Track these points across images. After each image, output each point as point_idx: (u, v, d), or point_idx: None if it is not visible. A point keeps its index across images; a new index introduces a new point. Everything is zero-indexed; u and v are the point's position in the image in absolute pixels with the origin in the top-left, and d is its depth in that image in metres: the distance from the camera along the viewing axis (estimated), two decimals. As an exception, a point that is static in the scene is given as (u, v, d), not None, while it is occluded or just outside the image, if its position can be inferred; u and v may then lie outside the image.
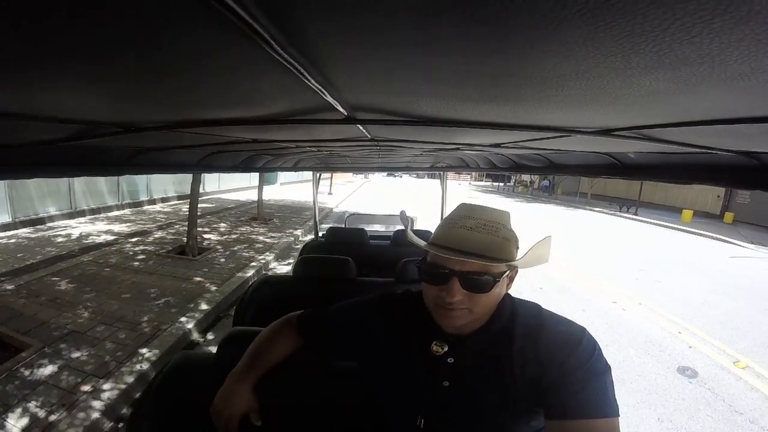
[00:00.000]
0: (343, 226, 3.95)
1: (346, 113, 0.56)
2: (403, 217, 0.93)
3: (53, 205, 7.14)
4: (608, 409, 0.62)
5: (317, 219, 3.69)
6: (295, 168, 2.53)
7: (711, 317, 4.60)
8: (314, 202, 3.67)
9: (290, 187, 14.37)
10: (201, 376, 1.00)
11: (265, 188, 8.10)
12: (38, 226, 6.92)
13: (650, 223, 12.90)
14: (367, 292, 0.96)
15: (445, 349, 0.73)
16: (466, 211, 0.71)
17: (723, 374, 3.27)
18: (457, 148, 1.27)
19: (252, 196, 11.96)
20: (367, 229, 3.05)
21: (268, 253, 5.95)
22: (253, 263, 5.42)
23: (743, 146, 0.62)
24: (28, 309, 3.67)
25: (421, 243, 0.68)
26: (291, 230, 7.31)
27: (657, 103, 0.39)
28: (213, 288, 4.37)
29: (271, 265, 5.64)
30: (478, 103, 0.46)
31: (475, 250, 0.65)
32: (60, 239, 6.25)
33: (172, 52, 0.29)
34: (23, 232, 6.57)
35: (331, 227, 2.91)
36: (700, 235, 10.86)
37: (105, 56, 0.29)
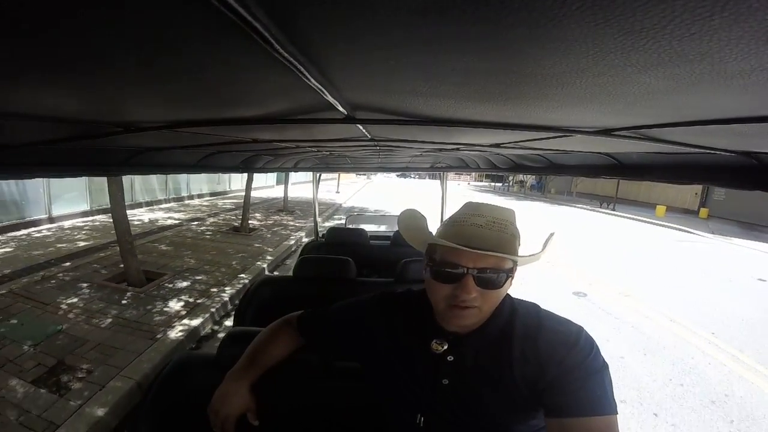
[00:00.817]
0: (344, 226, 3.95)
1: (346, 113, 0.56)
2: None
3: (146, 194, 9.25)
4: (607, 406, 0.63)
5: (317, 219, 3.69)
6: (295, 168, 2.53)
7: (620, 273, 6.31)
8: (314, 201, 3.67)
9: (299, 187, 15.99)
10: (201, 376, 0.99)
11: (278, 187, 9.78)
12: (110, 214, 7.94)
13: (624, 217, 14.07)
14: (367, 292, 0.95)
15: (445, 347, 0.73)
16: (473, 209, 0.71)
17: (608, 299, 4.97)
18: (457, 149, 1.27)
19: (271, 193, 14.64)
20: (367, 229, 3.05)
21: (299, 232, 7.81)
22: (291, 238, 7.30)
23: (743, 146, 0.62)
24: (149, 259, 5.29)
25: (441, 241, 0.67)
26: (311, 221, 9.55)
27: (657, 102, 0.39)
28: (270, 250, 6.30)
29: (304, 240, 7.36)
30: (479, 102, 0.46)
31: (488, 247, 0.65)
32: (136, 222, 7.94)
33: (172, 51, 0.29)
34: (100, 217, 8.27)
35: (331, 227, 2.92)
36: (665, 226, 12.15)
37: (105, 56, 0.29)
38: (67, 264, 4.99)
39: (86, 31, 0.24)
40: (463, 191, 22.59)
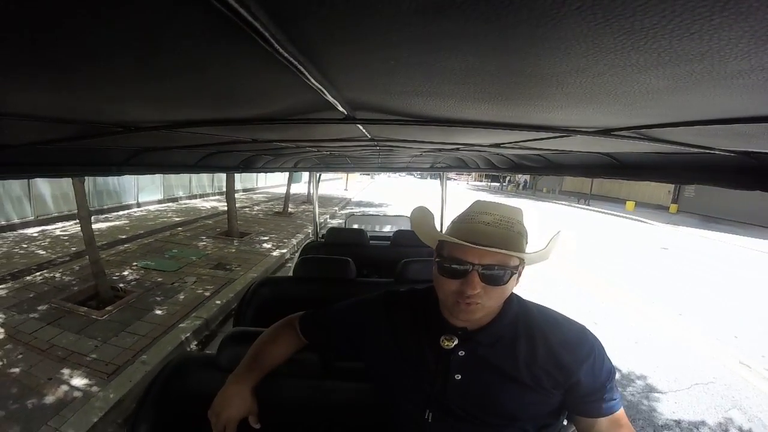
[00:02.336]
0: (344, 226, 3.95)
1: (346, 113, 0.56)
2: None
3: (181, 190, 12.01)
4: (621, 401, 0.74)
5: (317, 220, 3.69)
6: (295, 168, 2.53)
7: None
8: (314, 201, 3.67)
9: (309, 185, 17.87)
10: (201, 376, 0.99)
11: (293, 185, 12.00)
12: (178, 203, 11.49)
13: (596, 211, 15.69)
14: (367, 292, 0.96)
15: (455, 342, 0.75)
16: (482, 207, 0.72)
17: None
18: (457, 149, 1.27)
19: (291, 189, 18.22)
20: (367, 229, 3.05)
21: (324, 216, 10.35)
22: (321, 218, 9.68)
23: (743, 146, 0.62)
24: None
25: (451, 239, 0.68)
26: (333, 208, 12.46)
27: (656, 102, 0.39)
28: (307, 224, 8.85)
29: (329, 222, 9.84)
30: (479, 102, 0.46)
31: (494, 244, 0.66)
32: (200, 208, 10.77)
33: (172, 51, 0.29)
34: (170, 205, 10.83)
35: (330, 228, 2.92)
36: (627, 218, 13.87)
37: (105, 56, 0.29)
38: (180, 228, 7.62)
39: (86, 31, 0.24)
40: (461, 190, 23.97)
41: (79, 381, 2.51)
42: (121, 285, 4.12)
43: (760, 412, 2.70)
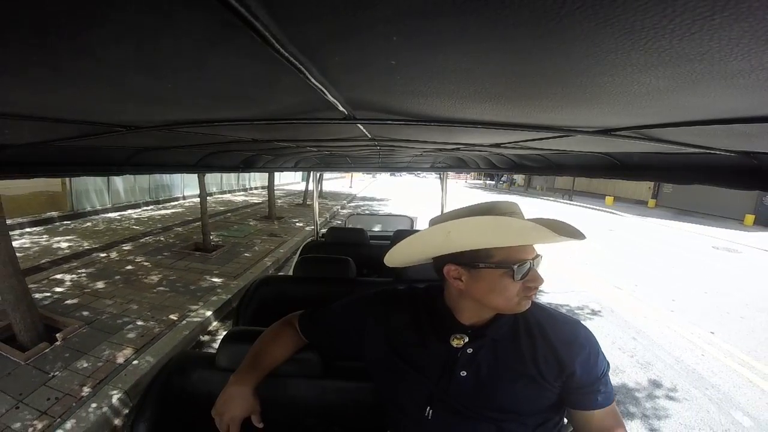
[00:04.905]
0: (344, 225, 3.95)
1: (346, 113, 0.56)
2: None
3: (214, 187, 14.15)
4: (613, 393, 0.77)
5: (317, 219, 3.69)
6: (295, 168, 2.53)
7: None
8: (314, 201, 3.67)
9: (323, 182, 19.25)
10: (201, 375, 1.00)
11: (303, 184, 14.38)
12: (213, 196, 13.39)
13: (576, 205, 17.07)
14: None
15: (466, 340, 0.77)
16: (489, 209, 0.72)
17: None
18: (457, 148, 1.27)
19: (299, 188, 19.67)
20: (367, 228, 3.05)
21: (335, 207, 12.33)
22: (334, 209, 11.92)
23: (743, 146, 0.62)
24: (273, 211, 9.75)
25: (549, 234, 0.65)
26: (342, 201, 14.36)
27: (657, 102, 0.39)
28: (325, 213, 10.66)
29: (340, 211, 11.94)
30: (479, 102, 0.46)
31: (555, 230, 0.67)
32: (234, 200, 13.15)
33: (172, 51, 0.29)
34: (208, 198, 12.90)
35: (330, 227, 2.92)
36: (601, 211, 15.25)
37: (105, 56, 0.29)
38: (229, 214, 10.02)
39: (86, 31, 0.24)
40: (459, 188, 25.97)
41: (217, 280, 4.78)
42: (216, 241, 6.65)
43: (611, 303, 4.84)
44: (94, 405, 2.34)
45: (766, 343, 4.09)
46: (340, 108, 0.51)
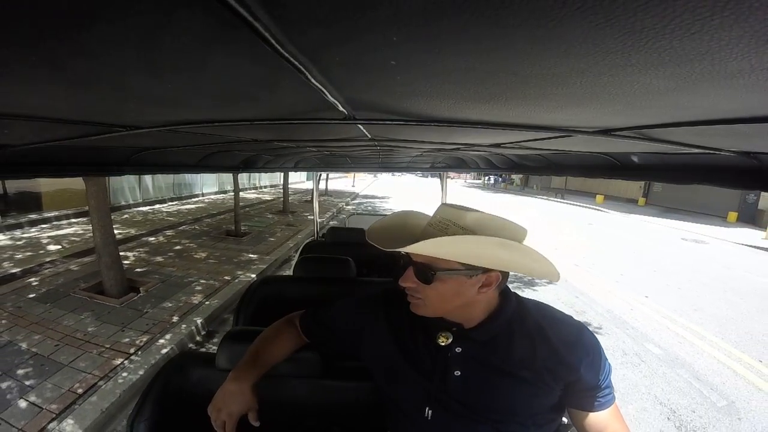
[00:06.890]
0: (345, 225, 3.95)
1: (346, 113, 0.56)
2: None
3: (228, 185, 14.48)
4: (613, 394, 0.78)
5: (317, 219, 3.69)
6: (295, 168, 2.53)
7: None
8: (314, 201, 3.67)
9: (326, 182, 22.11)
10: (200, 375, 0.99)
11: (309, 182, 15.10)
12: (227, 194, 14.28)
13: (566, 203, 18.03)
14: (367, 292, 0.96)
15: (450, 339, 0.77)
16: (439, 212, 0.77)
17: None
18: (457, 149, 1.27)
19: (303, 186, 21.33)
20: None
21: (341, 204, 13.50)
22: (339, 204, 13.22)
23: (743, 146, 0.62)
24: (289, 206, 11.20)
25: (405, 248, 0.69)
26: (347, 198, 15.83)
27: (657, 102, 0.39)
28: (332, 207, 12.03)
29: (345, 207, 13.05)
30: (479, 102, 0.46)
31: (399, 245, 0.69)
32: (247, 197, 14.07)
33: (172, 51, 0.29)
34: (224, 195, 14.05)
35: (330, 227, 2.92)
36: (589, 208, 16.14)
37: (104, 56, 0.29)
38: (247, 209, 11.02)
39: (86, 31, 0.24)
40: (457, 187, 27.44)
41: (253, 256, 5.98)
42: (244, 229, 7.67)
43: (566, 275, 5.53)
44: (184, 326, 3.52)
45: (694, 306, 4.75)
46: (340, 108, 0.51)
